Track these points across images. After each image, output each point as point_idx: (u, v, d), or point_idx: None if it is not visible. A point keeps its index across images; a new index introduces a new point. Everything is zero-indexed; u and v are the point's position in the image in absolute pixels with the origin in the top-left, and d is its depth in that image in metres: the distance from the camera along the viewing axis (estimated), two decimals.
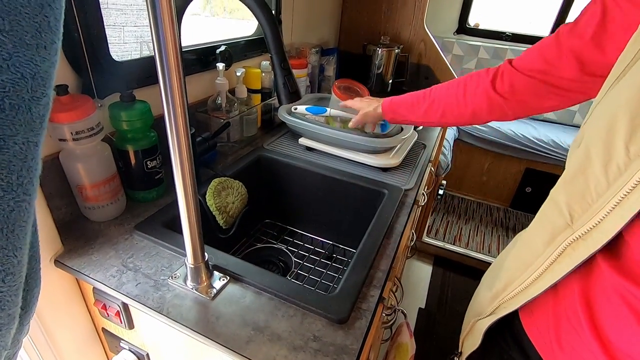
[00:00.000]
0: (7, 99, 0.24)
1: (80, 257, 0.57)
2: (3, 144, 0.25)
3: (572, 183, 0.39)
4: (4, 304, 0.29)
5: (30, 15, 0.24)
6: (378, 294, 0.55)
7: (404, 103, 0.78)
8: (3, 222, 0.27)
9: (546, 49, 0.53)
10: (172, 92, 0.38)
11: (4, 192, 0.26)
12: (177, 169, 0.43)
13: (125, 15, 0.65)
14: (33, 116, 0.26)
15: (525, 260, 0.45)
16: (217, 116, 0.88)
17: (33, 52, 0.25)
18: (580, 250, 0.37)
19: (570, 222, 0.38)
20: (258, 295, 0.53)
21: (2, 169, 0.25)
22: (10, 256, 0.28)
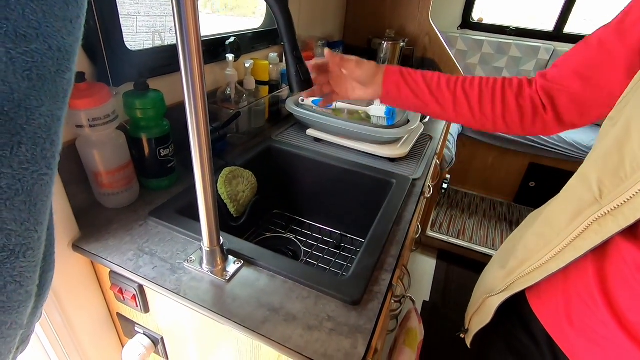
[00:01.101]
0: (35, 69, 0.25)
1: (97, 242, 0.58)
2: (30, 114, 0.25)
3: (605, 158, 0.38)
4: (24, 279, 0.30)
5: None
6: (389, 278, 0.56)
7: (418, 76, 0.61)
8: (26, 194, 0.27)
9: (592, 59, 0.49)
10: (192, 77, 0.39)
11: (28, 163, 0.26)
12: (196, 154, 0.44)
13: (138, 5, 0.66)
14: (58, 89, 0.27)
15: (546, 236, 0.44)
16: (226, 107, 0.89)
17: (60, 25, 0.25)
18: (609, 227, 0.37)
19: (599, 198, 0.38)
20: (272, 278, 0.54)
21: (28, 140, 0.26)
22: (32, 230, 0.29)
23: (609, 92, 0.47)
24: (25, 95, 0.23)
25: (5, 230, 0.26)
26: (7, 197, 0.24)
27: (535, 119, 0.56)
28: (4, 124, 0.23)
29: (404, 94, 0.61)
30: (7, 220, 0.25)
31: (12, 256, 0.27)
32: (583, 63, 0.50)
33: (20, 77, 0.23)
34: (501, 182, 2.35)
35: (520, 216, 2.26)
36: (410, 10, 1.56)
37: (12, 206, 0.25)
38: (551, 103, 0.54)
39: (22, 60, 0.23)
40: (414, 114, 1.03)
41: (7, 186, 0.24)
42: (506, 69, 2.44)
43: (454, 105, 0.59)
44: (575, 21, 2.31)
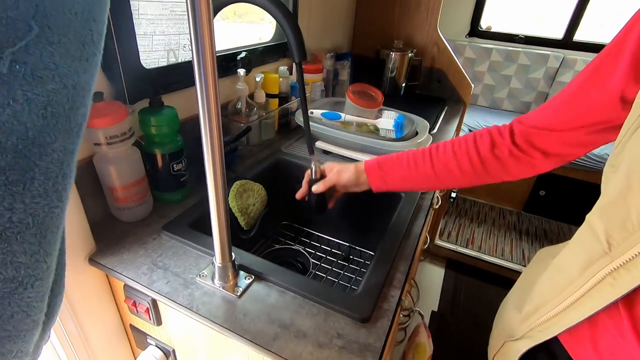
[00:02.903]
0: (49, 107, 0.25)
1: (112, 255, 0.60)
2: (42, 150, 0.25)
3: (610, 209, 0.38)
4: (31, 309, 0.30)
5: (77, 29, 0.25)
6: (398, 295, 0.57)
7: (396, 161, 0.64)
8: (37, 227, 0.27)
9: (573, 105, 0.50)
10: (207, 92, 0.40)
11: (40, 197, 0.26)
12: (210, 172, 0.45)
13: (154, 25, 0.69)
14: (71, 124, 0.27)
15: (559, 283, 0.44)
16: (237, 120, 0.91)
17: (77, 64, 0.26)
18: (624, 280, 0.36)
19: (608, 250, 0.38)
20: (282, 294, 0.55)
21: (40, 175, 0.26)
22: (41, 262, 0.29)
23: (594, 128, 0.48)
24: (39, 133, 0.24)
25: (15, 262, 0.26)
26: (18, 230, 0.25)
27: (520, 165, 0.56)
28: (17, 161, 0.23)
29: (391, 184, 0.65)
30: (17, 253, 0.25)
31: (20, 287, 0.27)
32: (564, 106, 0.51)
33: (35, 116, 0.24)
34: (510, 190, 2.34)
35: (530, 225, 2.24)
36: (418, 21, 1.57)
37: (23, 239, 0.25)
38: (534, 147, 0.54)
39: (37, 101, 0.23)
40: (423, 126, 1.04)
41: (19, 220, 0.25)
42: (515, 77, 2.43)
43: (437, 177, 0.61)
44: (587, 26, 2.29)
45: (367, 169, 0.66)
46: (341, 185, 0.69)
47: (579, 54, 2.31)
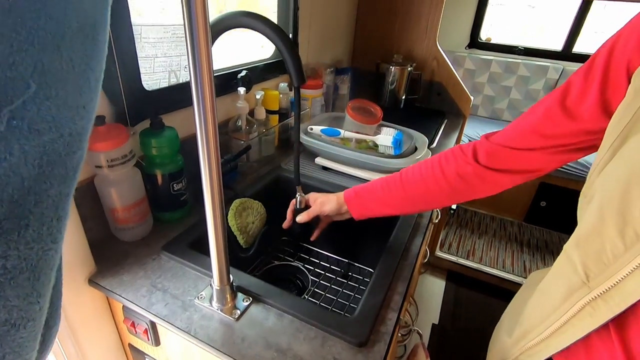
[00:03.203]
0: (45, 157, 0.25)
1: (112, 277, 0.60)
2: (38, 198, 0.25)
3: (586, 242, 0.39)
4: (23, 349, 0.30)
5: (75, 80, 0.25)
6: (395, 317, 0.57)
7: (372, 189, 0.67)
8: (30, 271, 0.27)
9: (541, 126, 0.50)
10: (205, 114, 0.41)
11: (34, 242, 0.26)
12: (208, 196, 0.46)
13: (156, 48, 0.70)
14: (67, 169, 0.27)
15: (544, 310, 0.45)
16: (237, 137, 0.92)
17: (73, 112, 0.26)
18: (602, 311, 0.37)
19: (586, 281, 0.38)
20: (280, 317, 0.55)
21: (35, 222, 0.26)
22: (34, 303, 0.28)
23: (565, 149, 0.49)
24: (34, 182, 0.24)
25: (8, 306, 0.26)
26: (12, 276, 0.25)
27: (485, 181, 0.57)
28: (12, 211, 0.24)
29: (371, 211, 0.68)
30: (10, 297, 0.25)
31: (12, 329, 0.27)
32: (532, 130, 0.51)
33: (31, 166, 0.24)
34: (511, 201, 2.33)
35: (532, 236, 2.24)
36: (417, 35, 1.59)
37: (16, 284, 0.25)
38: (499, 164, 0.55)
39: (34, 152, 0.24)
40: (422, 142, 1.04)
41: (12, 266, 0.25)
42: (515, 88, 2.45)
43: (412, 202, 0.64)
44: (586, 34, 2.31)
45: (346, 199, 0.69)
46: (325, 216, 0.72)
47: (579, 65, 2.32)
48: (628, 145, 0.36)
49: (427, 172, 0.61)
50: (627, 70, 0.41)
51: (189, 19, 0.36)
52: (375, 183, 0.67)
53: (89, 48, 0.25)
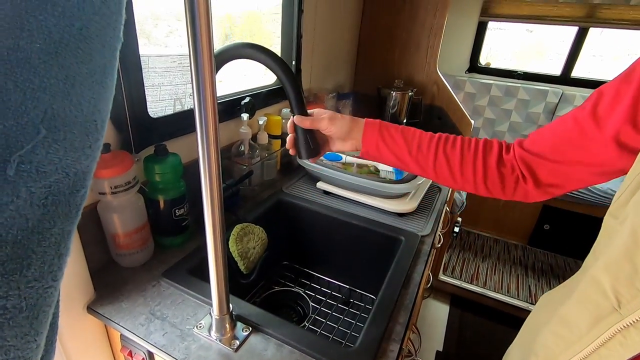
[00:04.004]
0: (50, 197, 0.25)
1: (111, 304, 0.60)
2: (41, 237, 0.25)
3: (617, 266, 0.37)
4: None
5: (82, 123, 0.25)
6: (397, 349, 0.56)
7: (397, 133, 0.59)
8: (29, 310, 0.26)
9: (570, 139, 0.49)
10: (208, 141, 0.42)
11: (35, 281, 0.26)
12: (209, 229, 0.46)
13: (162, 77, 0.72)
14: (71, 208, 0.27)
15: (567, 339, 0.43)
16: (239, 162, 0.93)
17: (79, 153, 0.26)
18: (635, 340, 0.35)
19: (617, 307, 0.37)
20: (279, 348, 0.54)
21: (37, 260, 0.26)
22: (31, 342, 0.28)
23: (588, 167, 0.48)
24: (38, 222, 0.24)
25: (5, 346, 0.25)
26: (11, 316, 0.25)
27: (517, 187, 0.55)
28: (16, 251, 0.24)
29: (384, 154, 0.60)
30: (7, 337, 0.25)
31: None
32: (560, 140, 0.50)
33: (36, 206, 0.24)
34: (515, 223, 2.31)
35: (536, 259, 2.20)
36: (417, 61, 1.62)
37: (15, 323, 0.25)
38: (530, 173, 0.54)
39: (39, 193, 0.24)
40: None
41: (12, 306, 0.24)
42: (515, 111, 2.47)
43: (435, 168, 0.58)
44: (584, 57, 2.35)
45: (367, 128, 0.60)
46: (327, 134, 0.61)
47: (578, 89, 2.35)
48: None
49: (468, 153, 0.56)
50: None
51: (194, 50, 0.37)
52: (405, 131, 0.59)
53: (97, 92, 0.25)
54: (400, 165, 0.60)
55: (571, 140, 0.48)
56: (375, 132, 0.59)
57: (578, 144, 0.48)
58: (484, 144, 0.57)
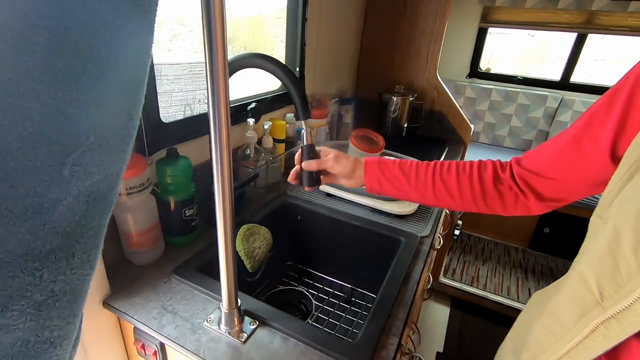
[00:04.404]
0: (92, 194, 0.29)
1: (125, 299, 0.63)
2: (84, 230, 0.29)
3: (600, 262, 0.40)
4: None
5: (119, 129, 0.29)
6: (396, 342, 0.59)
7: (400, 168, 0.63)
8: (71, 294, 0.30)
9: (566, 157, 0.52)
10: (220, 142, 0.45)
11: (77, 269, 0.29)
12: (221, 223, 0.49)
13: (174, 84, 0.76)
14: (106, 204, 0.31)
15: (556, 332, 0.46)
16: (245, 165, 0.96)
17: (116, 156, 0.29)
18: (615, 332, 0.38)
19: (600, 300, 0.39)
20: (285, 341, 0.57)
21: (79, 250, 0.29)
22: (71, 323, 0.32)
23: (586, 181, 0.50)
24: (82, 216, 0.28)
25: (51, 326, 0.29)
26: (57, 299, 0.29)
27: (517, 202, 0.58)
28: (65, 242, 0.27)
29: (386, 188, 0.64)
30: (53, 317, 0.29)
31: (51, 347, 0.31)
32: (557, 157, 0.53)
33: (82, 203, 0.28)
34: (515, 226, 2.34)
35: (536, 263, 2.22)
36: (418, 67, 1.66)
37: (60, 306, 0.29)
38: (530, 189, 0.56)
39: (85, 191, 0.28)
40: None
41: (59, 290, 0.28)
42: (515, 116, 2.51)
43: (434, 193, 0.61)
44: (586, 62, 2.38)
45: (367, 166, 0.64)
46: (333, 173, 0.67)
47: (577, 95, 2.38)
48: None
49: (463, 174, 0.60)
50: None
51: (210, 60, 0.41)
52: (403, 164, 0.63)
53: (132, 102, 0.29)
54: (402, 196, 0.64)
55: (568, 157, 0.51)
56: (375, 168, 0.64)
57: (574, 160, 0.50)
58: (478, 165, 0.60)
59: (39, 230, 0.25)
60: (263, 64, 0.61)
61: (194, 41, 1.08)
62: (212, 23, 0.39)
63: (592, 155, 0.48)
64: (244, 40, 1.49)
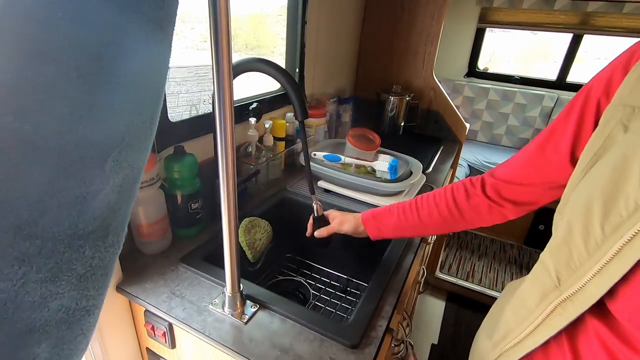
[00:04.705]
0: (123, 186, 0.34)
1: (136, 284, 0.69)
2: (115, 214, 0.34)
3: (557, 251, 0.46)
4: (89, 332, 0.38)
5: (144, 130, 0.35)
6: (385, 324, 0.64)
7: (388, 213, 0.74)
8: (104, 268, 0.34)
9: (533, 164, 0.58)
10: (225, 139, 0.50)
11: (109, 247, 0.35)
12: (225, 213, 0.55)
13: (180, 86, 0.81)
14: (132, 194, 0.36)
15: (521, 314, 0.51)
16: (247, 162, 1.01)
17: (141, 154, 0.35)
18: (570, 311, 0.43)
19: (558, 284, 0.45)
20: (283, 322, 0.63)
21: (112, 231, 0.35)
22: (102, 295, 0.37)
23: (552, 184, 0.57)
24: (114, 203, 0.34)
25: (87, 295, 0.35)
26: (94, 272, 0.34)
27: (491, 212, 0.65)
28: (101, 224, 0.33)
29: (385, 233, 0.75)
30: (90, 288, 0.35)
31: (86, 315, 0.37)
32: (526, 167, 0.59)
33: (115, 193, 0.33)
34: (511, 224, 2.37)
35: (531, 259, 2.27)
36: (415, 68, 1.71)
37: (95, 278, 0.35)
38: (504, 197, 0.63)
39: (117, 183, 0.33)
40: (417, 167, 1.13)
41: (96, 265, 0.34)
42: (512, 115, 2.55)
43: (423, 225, 0.71)
44: (589, 59, 2.41)
45: (364, 221, 0.76)
46: (342, 232, 0.79)
47: (573, 94, 2.42)
48: (594, 168, 0.44)
49: (440, 199, 0.69)
50: (597, 108, 0.49)
51: (217, 65, 0.46)
52: (391, 207, 0.75)
53: (154, 107, 0.35)
54: (401, 235, 0.75)
55: (535, 164, 0.58)
56: (372, 221, 0.76)
57: (541, 166, 0.57)
58: (451, 188, 0.69)
59: (84, 215, 0.31)
60: (264, 68, 0.66)
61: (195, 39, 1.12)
62: (219, 35, 0.44)
63: (555, 160, 0.54)
64: (246, 37, 1.51)
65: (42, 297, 0.32)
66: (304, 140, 0.73)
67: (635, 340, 0.39)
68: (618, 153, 0.40)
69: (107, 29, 0.29)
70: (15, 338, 0.31)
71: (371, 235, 0.77)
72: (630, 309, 0.39)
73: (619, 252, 0.38)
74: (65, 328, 0.34)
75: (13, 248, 0.28)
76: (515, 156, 0.62)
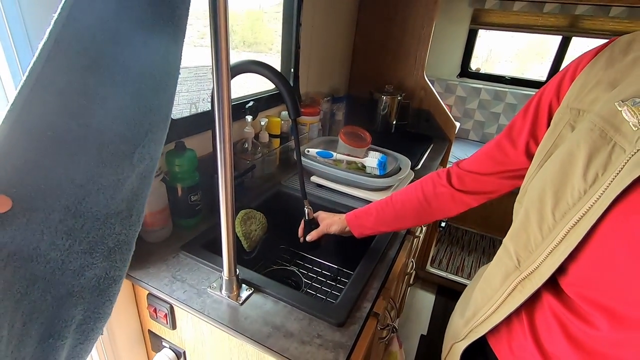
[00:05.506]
0: (143, 174, 0.41)
1: (140, 269, 0.74)
2: (137, 198, 0.41)
3: (517, 235, 0.52)
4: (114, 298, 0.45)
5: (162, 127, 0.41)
6: (370, 306, 0.70)
7: (368, 210, 0.82)
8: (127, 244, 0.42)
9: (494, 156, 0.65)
10: (223, 135, 0.55)
11: (132, 225, 0.42)
12: (223, 202, 0.60)
13: (181, 85, 0.86)
14: (149, 181, 0.43)
15: (487, 293, 0.57)
16: (243, 157, 1.07)
17: (158, 147, 0.42)
18: (528, 288, 0.49)
19: (518, 265, 0.51)
20: (275, 303, 0.69)
21: (134, 212, 0.41)
22: (126, 266, 0.45)
23: (509, 174, 0.64)
24: (137, 188, 0.40)
25: (115, 267, 0.42)
26: (120, 246, 0.42)
27: (454, 200, 0.72)
28: (127, 205, 0.40)
29: (367, 231, 0.82)
30: (117, 260, 0.42)
31: (113, 283, 0.43)
32: (487, 159, 0.66)
33: (137, 180, 0.40)
34: (501, 219, 2.45)
35: None
36: (407, 68, 1.76)
37: (121, 251, 0.41)
38: (466, 186, 0.70)
39: (140, 171, 0.39)
40: (406, 164, 1.19)
41: (122, 240, 0.41)
42: (503, 114, 2.62)
43: (400, 218, 0.78)
44: None
45: (348, 221, 0.83)
46: (332, 233, 0.86)
47: None
48: (547, 162, 0.50)
49: (410, 193, 0.76)
50: (549, 109, 0.56)
51: (217, 66, 0.51)
52: (371, 206, 0.81)
53: (168, 108, 0.41)
54: (382, 229, 0.81)
55: (494, 157, 0.65)
56: (354, 220, 0.83)
57: (499, 159, 0.64)
58: (420, 181, 0.76)
59: (115, 198, 0.37)
60: (260, 70, 0.72)
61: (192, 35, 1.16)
62: (219, 39, 0.49)
63: (513, 154, 0.61)
64: (243, 34, 1.53)
65: (81, 267, 0.38)
66: (297, 142, 0.78)
67: (583, 310, 0.45)
68: (565, 150, 0.46)
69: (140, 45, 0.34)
70: (59, 299, 0.37)
71: (355, 234, 0.83)
72: (578, 283, 0.45)
73: (567, 235, 0.44)
74: (97, 294, 0.41)
75: (63, 224, 0.34)
76: (480, 149, 0.69)
